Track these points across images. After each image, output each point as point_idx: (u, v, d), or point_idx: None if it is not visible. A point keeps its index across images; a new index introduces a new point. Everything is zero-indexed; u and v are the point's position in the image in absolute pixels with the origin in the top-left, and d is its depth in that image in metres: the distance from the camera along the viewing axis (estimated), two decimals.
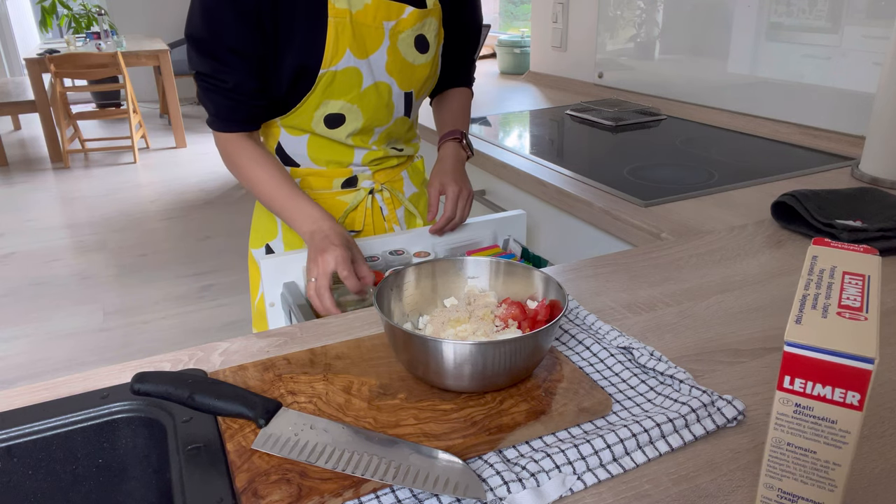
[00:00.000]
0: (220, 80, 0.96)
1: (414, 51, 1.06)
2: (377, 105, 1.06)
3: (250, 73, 0.96)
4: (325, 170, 1.11)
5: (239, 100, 0.98)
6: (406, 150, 1.21)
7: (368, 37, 1.00)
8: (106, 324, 2.76)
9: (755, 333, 0.70)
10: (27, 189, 4.51)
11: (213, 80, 0.96)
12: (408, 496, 0.49)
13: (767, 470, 0.44)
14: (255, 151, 1.02)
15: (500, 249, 1.13)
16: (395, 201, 1.20)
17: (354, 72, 1.01)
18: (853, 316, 0.41)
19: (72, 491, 0.58)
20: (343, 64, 0.99)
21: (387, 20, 1.01)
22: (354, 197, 1.14)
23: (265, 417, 0.52)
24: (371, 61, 1.02)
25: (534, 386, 0.59)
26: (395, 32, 1.02)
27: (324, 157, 1.10)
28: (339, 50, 0.98)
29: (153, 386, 0.53)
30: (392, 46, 1.03)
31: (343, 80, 1.00)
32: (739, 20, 1.61)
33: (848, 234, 0.89)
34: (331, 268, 0.87)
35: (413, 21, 1.04)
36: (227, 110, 0.99)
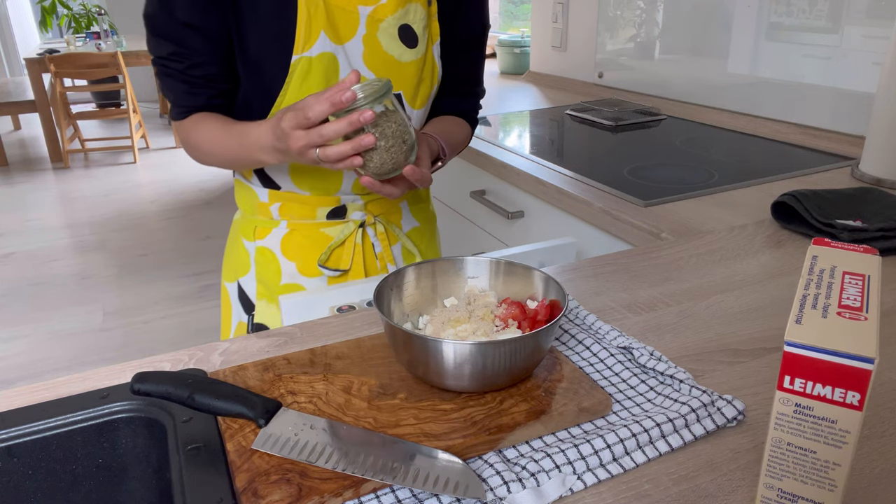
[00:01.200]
0: (177, 61, 0.87)
1: (399, 43, 0.92)
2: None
3: (209, 54, 0.87)
4: (309, 196, 0.98)
5: (197, 83, 0.89)
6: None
7: (342, 21, 0.89)
8: (106, 324, 2.76)
9: (755, 333, 0.70)
10: (27, 189, 4.51)
11: (169, 63, 0.88)
12: (408, 496, 0.49)
13: (767, 470, 0.44)
14: (210, 118, 0.91)
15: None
16: (391, 236, 1.05)
17: (331, 59, 0.89)
18: (853, 316, 0.41)
19: (72, 491, 0.58)
20: (318, 49, 0.87)
21: (362, 4, 0.89)
22: (341, 230, 1.00)
23: (265, 417, 0.52)
24: (346, 49, 0.90)
25: (534, 386, 0.59)
26: (374, 20, 0.90)
27: (308, 181, 0.97)
28: (312, 32, 0.87)
29: (153, 386, 0.53)
30: (370, 36, 0.91)
31: (320, 68, 0.88)
32: (739, 20, 1.61)
33: (848, 234, 0.89)
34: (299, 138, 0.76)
35: (394, 6, 0.91)
36: (185, 96, 0.90)
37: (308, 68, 0.88)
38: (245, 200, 1.04)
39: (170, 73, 0.89)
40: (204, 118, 0.91)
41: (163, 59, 0.89)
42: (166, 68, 0.89)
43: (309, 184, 0.97)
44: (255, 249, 1.03)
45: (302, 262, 1.01)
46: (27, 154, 5.37)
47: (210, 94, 0.91)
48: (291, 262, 1.02)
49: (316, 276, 1.02)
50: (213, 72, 0.89)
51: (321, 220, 1.00)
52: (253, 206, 1.02)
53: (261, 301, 1.03)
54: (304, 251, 1.01)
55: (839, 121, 1.43)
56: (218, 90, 0.91)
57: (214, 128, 0.90)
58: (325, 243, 1.00)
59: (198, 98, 0.90)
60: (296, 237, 1.01)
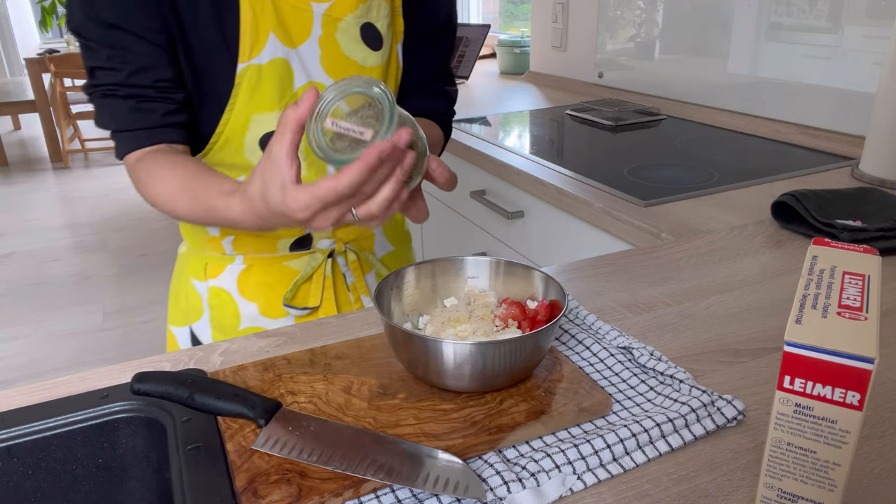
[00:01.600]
0: (115, 69, 0.72)
1: (362, 46, 0.81)
2: None
3: (153, 56, 0.73)
4: None
5: (145, 95, 0.73)
6: None
7: (293, 20, 0.77)
8: (106, 324, 2.76)
9: (755, 333, 0.70)
10: (27, 189, 4.51)
11: (107, 75, 0.73)
12: (408, 496, 0.49)
13: (767, 470, 0.44)
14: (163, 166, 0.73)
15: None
16: (364, 265, 0.94)
17: (283, 65, 0.77)
18: (853, 316, 0.41)
19: (72, 491, 0.58)
20: (268, 54, 0.76)
21: (316, 1, 0.78)
22: (307, 262, 0.88)
23: (265, 417, 0.52)
24: (301, 53, 0.78)
25: (534, 386, 0.59)
26: (331, 19, 0.79)
27: None
28: (259, 35, 0.75)
29: (153, 386, 0.53)
30: (327, 37, 0.79)
31: (272, 77, 0.77)
32: (739, 20, 1.61)
33: (848, 234, 0.89)
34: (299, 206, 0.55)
35: (353, 2, 0.80)
36: (131, 116, 0.74)
37: (258, 77, 0.76)
38: (191, 233, 0.90)
39: (108, 90, 0.73)
40: (155, 165, 0.74)
41: (98, 73, 0.74)
42: (102, 86, 0.73)
43: None
44: (208, 290, 0.89)
45: (264, 303, 0.89)
46: (27, 154, 5.37)
47: (164, 111, 0.75)
48: (251, 302, 0.89)
49: (281, 317, 0.89)
50: (164, 78, 0.74)
51: (283, 252, 0.88)
52: (201, 239, 0.89)
53: None
54: (265, 289, 0.88)
55: (839, 121, 1.43)
56: (173, 102, 0.75)
57: (170, 183, 0.72)
58: (289, 279, 0.88)
59: (148, 117, 0.74)
60: (255, 274, 0.88)
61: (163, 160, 0.74)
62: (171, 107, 0.75)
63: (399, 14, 0.85)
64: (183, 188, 0.71)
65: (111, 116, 0.75)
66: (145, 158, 0.75)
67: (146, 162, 0.75)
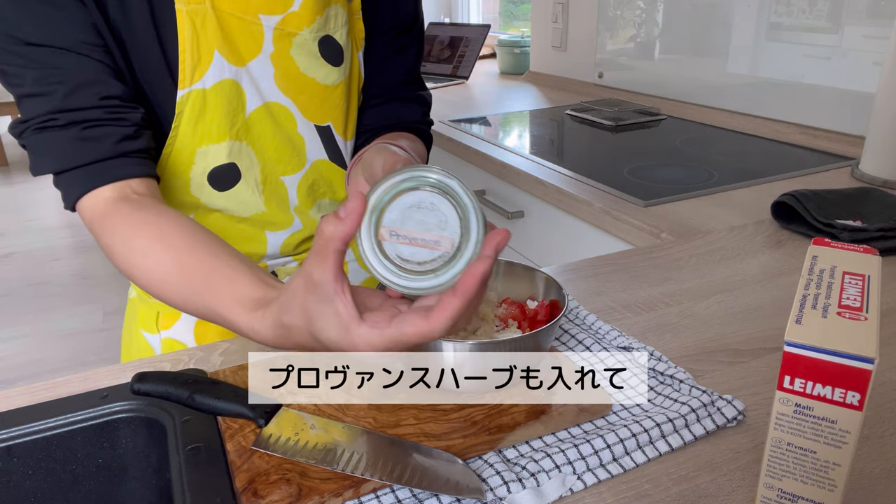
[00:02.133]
0: (43, 96, 0.58)
1: (321, 62, 0.72)
2: (276, 140, 0.71)
3: (91, 71, 0.60)
4: None
5: (86, 120, 0.59)
6: None
7: (240, 34, 0.67)
8: (106, 324, 2.76)
9: (755, 333, 0.70)
10: (27, 189, 4.51)
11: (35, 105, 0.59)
12: (408, 496, 0.49)
13: (767, 470, 0.44)
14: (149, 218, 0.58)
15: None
16: None
17: (232, 87, 0.67)
18: (853, 316, 0.41)
19: (72, 491, 0.58)
20: (213, 76, 0.65)
21: (266, 13, 0.67)
22: None
23: (265, 417, 0.52)
24: (251, 70, 0.68)
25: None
26: (284, 34, 0.69)
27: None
28: (202, 54, 0.64)
29: (153, 386, 0.53)
30: (280, 55, 0.69)
31: (219, 101, 0.66)
32: (739, 20, 1.61)
33: (848, 234, 0.89)
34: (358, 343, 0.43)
35: (310, 15, 0.69)
36: (73, 147, 0.59)
37: (202, 104, 0.66)
38: None
39: (42, 123, 0.59)
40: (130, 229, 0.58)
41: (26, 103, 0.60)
42: (34, 120, 0.59)
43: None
44: (161, 343, 0.80)
45: None
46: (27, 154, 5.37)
47: (117, 136, 0.60)
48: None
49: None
50: (111, 94, 0.61)
51: None
52: None
53: None
54: (226, 337, 0.77)
55: (839, 121, 1.43)
56: (128, 124, 0.61)
57: (159, 262, 0.56)
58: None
59: (97, 147, 0.59)
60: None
61: (137, 221, 0.58)
62: (126, 130, 0.61)
63: (358, 18, 0.75)
64: (179, 276, 0.55)
65: (50, 155, 0.60)
66: (110, 215, 0.59)
67: (112, 220, 0.59)
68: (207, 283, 0.53)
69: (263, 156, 0.72)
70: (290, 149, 0.73)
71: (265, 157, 0.72)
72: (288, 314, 0.46)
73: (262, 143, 0.71)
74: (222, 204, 0.72)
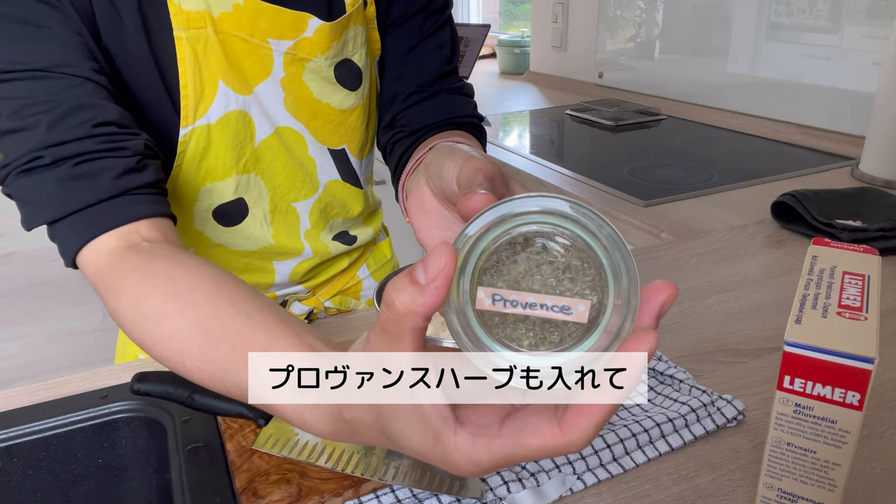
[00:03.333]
0: (24, 132, 0.49)
1: (337, 88, 0.66)
2: (288, 167, 0.67)
3: (82, 94, 0.51)
4: None
5: (78, 154, 0.49)
6: (362, 235, 0.78)
7: (246, 58, 0.60)
8: (106, 324, 2.76)
9: (755, 333, 0.70)
10: None
11: (16, 144, 0.49)
12: (408, 496, 0.49)
13: (767, 470, 0.44)
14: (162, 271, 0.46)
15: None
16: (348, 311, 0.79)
17: (239, 119, 0.61)
18: (853, 316, 0.41)
19: (72, 491, 0.58)
20: (219, 109, 0.60)
21: (275, 38, 0.61)
22: None
23: (265, 417, 0.52)
24: (260, 95, 0.62)
25: None
26: (296, 60, 0.63)
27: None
28: (205, 87, 0.58)
29: (153, 386, 0.53)
30: (291, 81, 0.64)
31: (225, 137, 0.61)
32: (739, 20, 1.61)
33: (848, 234, 0.89)
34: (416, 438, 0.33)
35: (326, 41, 0.63)
36: (65, 193, 0.48)
37: (206, 142, 0.60)
38: None
39: (26, 165, 0.49)
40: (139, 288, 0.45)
41: (5, 142, 0.50)
42: (16, 161, 0.49)
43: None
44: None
45: None
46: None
47: (118, 170, 0.50)
48: None
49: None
50: (106, 121, 0.51)
51: None
52: None
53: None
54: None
55: (839, 121, 1.43)
56: (128, 153, 0.51)
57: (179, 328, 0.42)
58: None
59: (94, 185, 0.49)
60: None
61: (148, 276, 0.45)
62: (127, 162, 0.50)
63: (373, 27, 0.68)
64: (201, 344, 0.41)
65: (39, 202, 0.49)
66: (115, 270, 0.47)
67: (118, 277, 0.47)
68: (237, 355, 0.40)
69: (274, 184, 0.67)
70: (303, 174, 0.68)
71: (276, 185, 0.67)
72: (350, 408, 0.34)
73: (272, 171, 0.66)
74: (227, 239, 0.67)
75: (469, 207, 0.31)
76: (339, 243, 0.75)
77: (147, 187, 0.52)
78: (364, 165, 0.74)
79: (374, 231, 0.80)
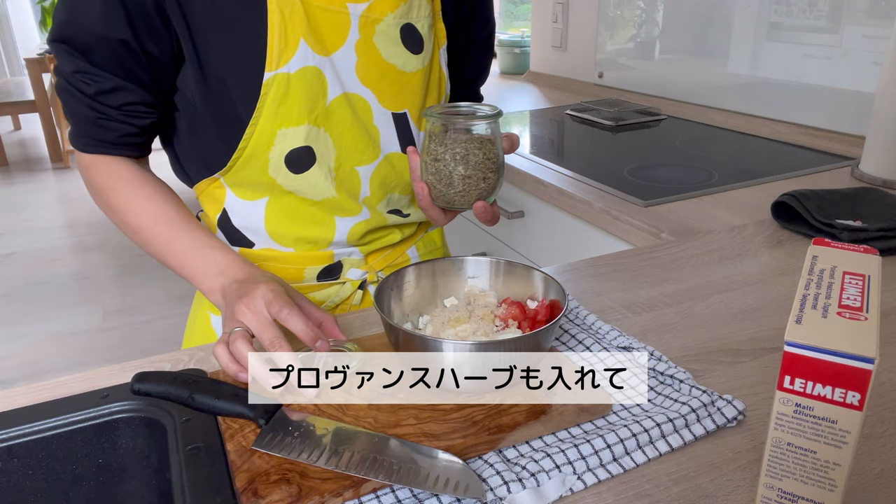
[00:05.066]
0: (84, 82, 0.69)
1: (401, 49, 0.75)
2: (353, 129, 0.74)
3: (131, 78, 0.69)
4: (293, 252, 0.79)
5: (109, 114, 0.70)
6: (414, 215, 0.86)
7: (327, 25, 0.71)
8: (106, 324, 2.76)
9: (755, 333, 0.70)
10: (27, 189, 4.51)
11: (73, 82, 0.69)
12: (408, 496, 0.49)
13: (767, 470, 0.44)
14: (134, 178, 0.74)
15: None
16: None
17: (315, 74, 0.70)
18: (853, 316, 0.41)
19: (72, 491, 0.58)
20: (298, 62, 0.69)
21: (353, 1, 0.71)
22: (336, 293, 0.82)
23: (265, 417, 0.52)
24: (335, 61, 0.72)
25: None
26: (369, 21, 0.72)
27: (290, 232, 0.78)
28: (288, 41, 0.68)
29: (153, 386, 0.53)
30: (364, 42, 0.73)
31: (301, 87, 0.70)
32: (739, 20, 1.61)
33: (848, 234, 0.89)
34: (260, 308, 0.59)
35: (395, 2, 0.73)
36: (90, 126, 0.71)
37: (286, 88, 0.69)
38: None
39: (74, 92, 0.70)
40: (141, 182, 0.74)
41: (65, 76, 0.70)
42: (70, 86, 0.70)
43: (293, 237, 0.78)
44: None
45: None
46: (27, 154, 5.37)
47: (123, 132, 0.72)
48: None
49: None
50: (132, 101, 0.70)
51: (310, 281, 0.81)
52: None
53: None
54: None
55: (839, 121, 1.43)
56: (136, 127, 0.73)
57: (146, 209, 0.73)
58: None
59: (105, 134, 0.72)
60: None
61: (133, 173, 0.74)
62: (132, 130, 0.73)
63: (439, 19, 0.79)
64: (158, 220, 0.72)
65: (71, 113, 0.72)
66: (99, 164, 0.74)
67: (101, 169, 0.74)
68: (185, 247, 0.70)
69: (340, 144, 0.74)
70: (367, 139, 0.76)
71: (342, 145, 0.74)
72: (247, 280, 0.63)
73: (339, 131, 0.74)
74: (296, 186, 0.74)
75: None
76: (391, 215, 0.82)
77: (139, 145, 0.76)
78: (421, 138, 0.81)
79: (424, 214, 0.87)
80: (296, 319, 0.59)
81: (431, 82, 0.80)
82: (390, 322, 0.57)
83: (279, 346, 0.57)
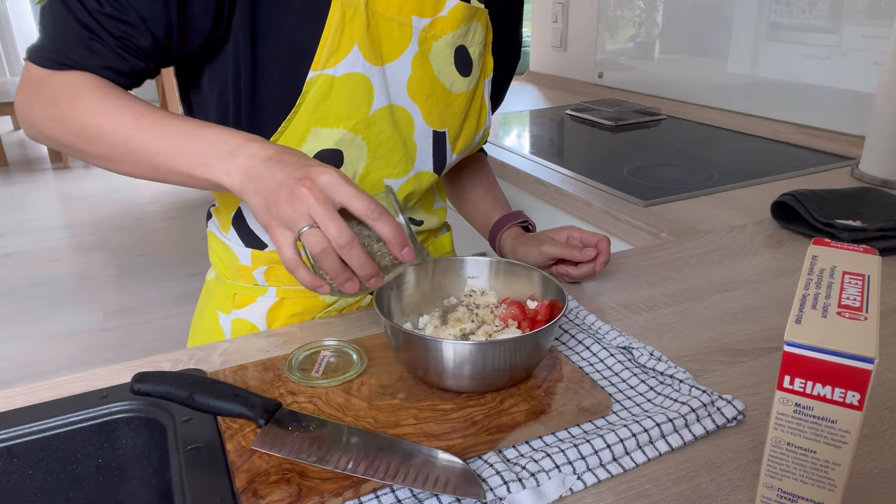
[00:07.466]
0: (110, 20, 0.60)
1: (452, 69, 0.75)
2: (392, 142, 0.73)
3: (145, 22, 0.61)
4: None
5: (98, 36, 0.61)
6: (428, 222, 0.87)
7: (388, 35, 0.69)
8: (106, 324, 2.76)
9: (755, 333, 0.70)
10: (27, 189, 4.51)
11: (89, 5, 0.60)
12: (408, 496, 0.49)
13: (767, 470, 0.44)
14: (104, 85, 0.63)
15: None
16: None
17: (362, 82, 0.69)
18: (853, 316, 0.41)
19: (72, 491, 0.58)
20: (346, 67, 0.67)
21: (418, 14, 0.70)
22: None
23: (265, 417, 0.52)
24: (387, 72, 0.70)
25: (534, 386, 0.59)
26: (429, 36, 0.72)
27: None
28: (341, 44, 0.66)
29: (153, 386, 0.53)
30: (421, 57, 0.72)
31: (344, 91, 0.68)
32: (739, 20, 1.61)
33: (848, 233, 0.89)
34: (330, 187, 0.53)
35: (456, 22, 0.73)
36: (71, 42, 0.61)
37: (328, 89, 0.67)
38: (221, 260, 0.83)
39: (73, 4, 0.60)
40: (100, 85, 0.62)
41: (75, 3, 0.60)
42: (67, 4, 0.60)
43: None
44: (231, 323, 0.82)
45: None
46: (27, 154, 5.37)
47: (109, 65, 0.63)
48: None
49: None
50: (135, 40, 0.62)
51: None
52: (231, 268, 0.82)
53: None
54: (295, 321, 0.81)
55: (839, 121, 1.43)
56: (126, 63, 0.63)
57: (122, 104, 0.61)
58: (321, 308, 0.81)
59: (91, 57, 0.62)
60: (287, 308, 0.81)
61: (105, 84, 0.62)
62: (122, 67, 0.63)
63: (489, 50, 0.81)
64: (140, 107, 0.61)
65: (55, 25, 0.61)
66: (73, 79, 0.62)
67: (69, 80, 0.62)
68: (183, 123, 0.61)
69: (375, 154, 0.73)
70: (402, 152, 0.75)
71: (376, 155, 0.73)
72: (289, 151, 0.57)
73: (378, 141, 0.72)
74: None
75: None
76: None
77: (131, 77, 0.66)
78: (452, 160, 0.81)
79: (438, 221, 0.89)
80: (386, 217, 0.53)
81: (472, 108, 0.81)
82: (390, 322, 0.57)
83: (382, 215, 0.53)
